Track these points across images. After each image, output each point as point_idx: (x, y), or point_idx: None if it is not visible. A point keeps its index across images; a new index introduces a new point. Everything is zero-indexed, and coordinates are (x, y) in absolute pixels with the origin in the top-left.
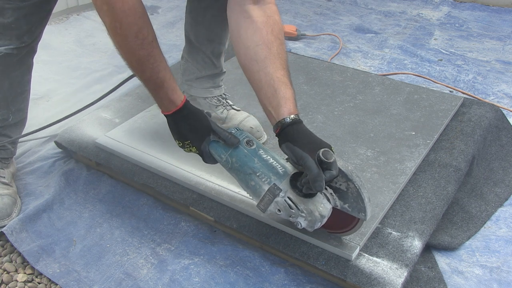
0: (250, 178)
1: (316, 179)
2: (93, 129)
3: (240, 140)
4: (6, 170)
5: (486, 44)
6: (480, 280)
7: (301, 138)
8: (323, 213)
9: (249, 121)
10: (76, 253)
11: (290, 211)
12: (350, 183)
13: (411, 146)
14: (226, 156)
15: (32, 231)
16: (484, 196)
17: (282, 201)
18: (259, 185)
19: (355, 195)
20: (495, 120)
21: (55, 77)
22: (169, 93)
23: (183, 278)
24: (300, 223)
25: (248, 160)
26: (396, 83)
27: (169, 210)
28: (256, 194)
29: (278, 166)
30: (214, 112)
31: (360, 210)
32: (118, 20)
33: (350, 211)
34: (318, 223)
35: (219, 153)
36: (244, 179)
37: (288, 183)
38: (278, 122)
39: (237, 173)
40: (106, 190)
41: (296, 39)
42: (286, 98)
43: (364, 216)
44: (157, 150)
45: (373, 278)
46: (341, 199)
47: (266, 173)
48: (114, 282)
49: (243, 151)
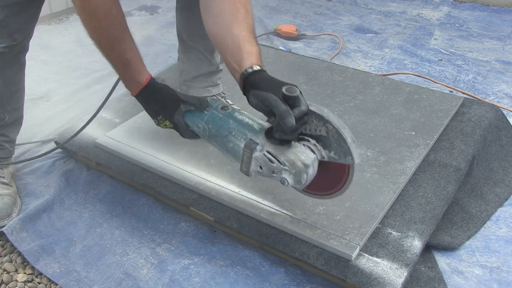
0: (228, 140)
1: (283, 116)
2: (93, 129)
3: (215, 107)
4: (6, 170)
5: (486, 44)
6: (480, 280)
7: (265, 83)
8: (306, 161)
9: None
10: (76, 253)
11: (272, 166)
12: (329, 125)
13: (411, 146)
14: (203, 124)
15: (32, 231)
16: (484, 196)
17: (261, 156)
18: (237, 144)
19: (336, 137)
20: (495, 120)
21: (55, 77)
22: (135, 74)
23: (183, 278)
24: (286, 179)
25: (224, 123)
26: (396, 83)
27: (169, 210)
28: (236, 156)
29: (254, 124)
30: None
31: (346, 153)
32: (87, 0)
33: (337, 158)
34: (304, 175)
35: (196, 123)
36: (223, 144)
37: (264, 137)
38: (241, 74)
39: (215, 139)
40: (106, 190)
41: (296, 39)
42: (249, 53)
43: (351, 159)
44: (157, 150)
45: (373, 278)
46: (326, 148)
47: (241, 131)
48: (114, 282)
49: (218, 116)
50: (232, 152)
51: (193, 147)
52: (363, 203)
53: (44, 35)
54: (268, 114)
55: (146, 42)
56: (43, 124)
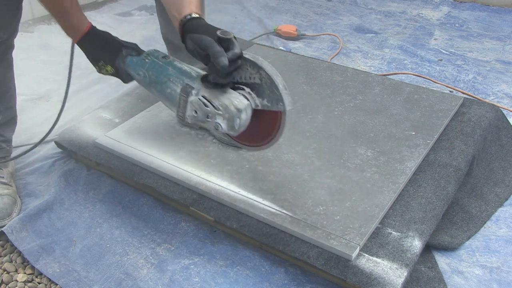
0: (166, 86)
1: (217, 55)
2: (93, 129)
3: (156, 55)
4: (5, 170)
5: (486, 44)
6: (480, 280)
7: (201, 28)
8: (239, 106)
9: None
10: (76, 253)
11: (206, 110)
12: (262, 72)
13: (411, 146)
14: (144, 71)
15: (32, 231)
16: (484, 196)
17: (196, 100)
18: (174, 90)
19: (269, 84)
20: (495, 120)
21: (55, 77)
22: (74, 22)
23: (183, 278)
24: (220, 124)
25: (163, 70)
26: (396, 83)
27: (169, 210)
28: (173, 101)
29: (191, 71)
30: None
31: (278, 100)
32: None
33: (269, 106)
34: (237, 120)
35: (137, 70)
36: (162, 90)
37: (200, 83)
38: (180, 21)
39: (155, 86)
40: (106, 190)
41: (296, 39)
42: (190, 2)
43: (282, 106)
44: (157, 150)
45: (373, 278)
46: (259, 95)
47: (179, 77)
48: (114, 282)
49: (158, 63)
50: (170, 98)
51: (193, 147)
52: (363, 203)
53: (44, 35)
54: (204, 59)
55: (146, 42)
56: (43, 124)
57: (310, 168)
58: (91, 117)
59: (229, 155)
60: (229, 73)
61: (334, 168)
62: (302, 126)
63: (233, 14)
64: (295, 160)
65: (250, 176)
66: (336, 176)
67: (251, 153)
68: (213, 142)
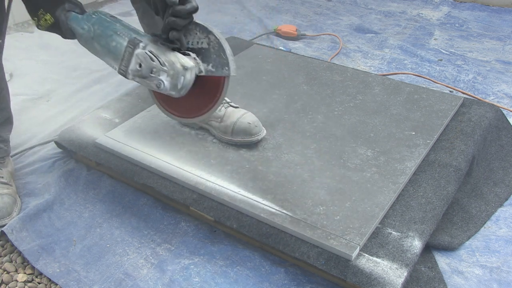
0: (112, 39)
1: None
2: (93, 129)
3: (104, 13)
4: (4, 170)
5: (486, 44)
6: (480, 280)
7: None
8: (186, 64)
9: (246, 117)
10: (76, 253)
11: (151, 64)
12: (211, 36)
13: (411, 146)
14: (89, 25)
15: (32, 231)
16: (484, 196)
17: (143, 53)
18: (120, 43)
19: (217, 48)
20: (495, 120)
21: (55, 77)
22: None
23: (183, 278)
24: (163, 82)
25: (110, 25)
26: (396, 83)
27: (169, 210)
28: (117, 54)
29: (140, 31)
30: None
31: (224, 65)
32: None
33: (214, 71)
34: (181, 78)
35: (81, 24)
36: (106, 44)
37: (149, 39)
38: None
39: (99, 40)
40: (106, 190)
41: (296, 39)
42: None
43: (228, 70)
44: (157, 150)
45: (373, 278)
46: (204, 61)
47: (127, 32)
48: (114, 282)
49: (106, 19)
50: (114, 51)
51: (193, 147)
52: (363, 203)
53: (44, 35)
54: (159, 9)
55: None
56: (43, 124)
57: (310, 168)
58: (91, 117)
59: (229, 155)
60: (186, 18)
61: (334, 168)
62: (302, 126)
63: (233, 14)
64: (295, 160)
65: (250, 176)
66: (336, 176)
67: (251, 153)
68: (213, 142)
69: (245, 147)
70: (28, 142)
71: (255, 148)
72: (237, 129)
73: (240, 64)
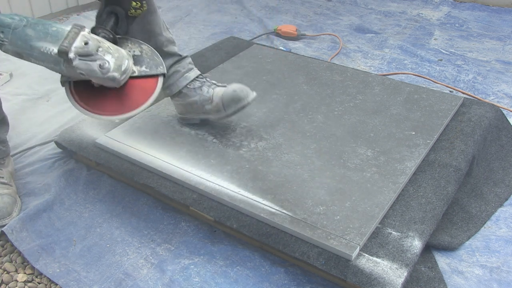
0: (51, 25)
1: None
2: (93, 129)
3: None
4: (4, 170)
5: (486, 44)
6: (480, 280)
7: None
8: (129, 53)
9: (230, 87)
10: (76, 253)
11: (98, 43)
12: (143, 46)
13: (411, 146)
14: (20, 16)
15: (32, 231)
16: (484, 196)
17: (89, 34)
18: (62, 28)
19: (150, 53)
20: (495, 120)
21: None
22: None
23: (183, 278)
24: (107, 61)
25: (45, 21)
26: (396, 83)
27: (169, 210)
28: (58, 36)
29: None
30: (200, 95)
31: (158, 64)
32: None
33: (148, 71)
34: (126, 61)
35: (11, 15)
36: (43, 29)
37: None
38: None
39: (33, 26)
40: (106, 190)
41: (296, 39)
42: None
43: (162, 69)
44: (157, 150)
45: (373, 278)
46: (137, 64)
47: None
48: (114, 282)
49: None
50: (53, 34)
51: (193, 147)
52: (363, 203)
53: None
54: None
55: None
56: (43, 124)
57: (310, 168)
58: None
59: (229, 155)
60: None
61: (334, 168)
62: (302, 126)
63: (233, 14)
64: (295, 160)
65: (250, 176)
66: (336, 176)
67: (251, 153)
68: (213, 142)
69: (245, 147)
70: (28, 142)
71: (255, 148)
72: (226, 100)
73: (240, 64)
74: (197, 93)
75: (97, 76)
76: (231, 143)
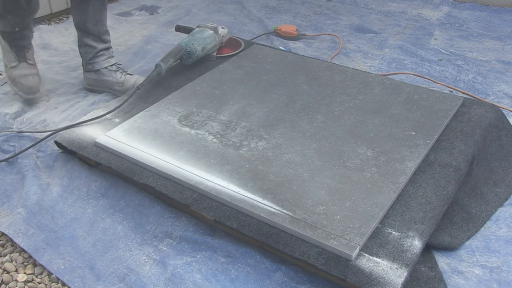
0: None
1: None
2: (93, 129)
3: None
4: (31, 52)
5: (486, 44)
6: (480, 280)
7: None
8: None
9: (140, 79)
10: (80, 248)
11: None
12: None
13: (411, 146)
14: None
15: (36, 227)
16: (484, 196)
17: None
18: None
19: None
20: (495, 120)
21: (55, 77)
22: None
23: (185, 274)
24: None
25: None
26: (396, 83)
27: (171, 206)
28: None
29: None
30: (113, 77)
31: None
32: None
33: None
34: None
35: None
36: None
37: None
38: None
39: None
40: (108, 185)
41: (296, 39)
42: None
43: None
44: (157, 150)
45: (373, 278)
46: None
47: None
48: (117, 277)
49: None
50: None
51: (193, 147)
52: (363, 203)
53: (44, 35)
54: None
55: (146, 42)
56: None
57: (310, 168)
58: (91, 116)
59: (229, 155)
60: None
61: (334, 168)
62: (302, 126)
63: (233, 14)
64: (295, 160)
65: (250, 176)
66: (336, 176)
67: (251, 153)
68: (213, 142)
69: (245, 146)
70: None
71: (255, 148)
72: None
73: (240, 64)
74: (112, 75)
75: None
76: (231, 143)
